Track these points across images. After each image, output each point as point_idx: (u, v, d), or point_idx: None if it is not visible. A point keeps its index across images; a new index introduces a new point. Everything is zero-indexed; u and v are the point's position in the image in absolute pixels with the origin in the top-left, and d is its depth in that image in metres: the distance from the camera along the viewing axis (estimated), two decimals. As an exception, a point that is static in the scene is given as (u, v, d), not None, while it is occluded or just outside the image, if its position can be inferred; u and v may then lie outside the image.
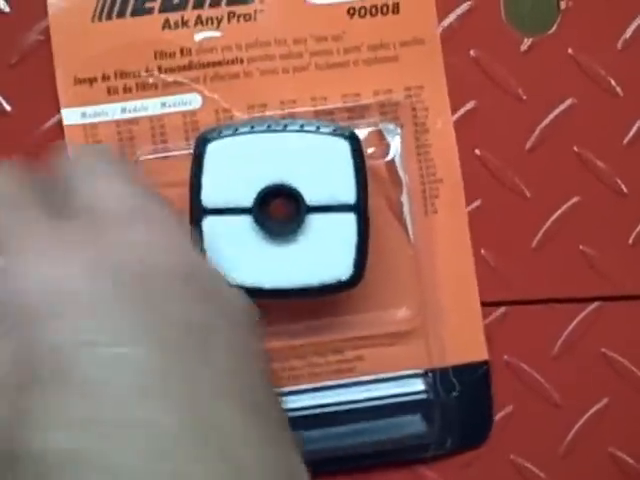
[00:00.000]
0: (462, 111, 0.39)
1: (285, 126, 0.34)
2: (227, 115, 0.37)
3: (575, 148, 0.39)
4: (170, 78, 0.37)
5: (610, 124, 0.40)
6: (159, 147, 0.37)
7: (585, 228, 0.39)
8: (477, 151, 0.39)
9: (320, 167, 0.34)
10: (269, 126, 0.34)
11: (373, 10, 0.38)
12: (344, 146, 0.34)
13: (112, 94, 0.37)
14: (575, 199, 0.39)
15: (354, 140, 0.35)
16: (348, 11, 0.38)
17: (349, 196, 0.34)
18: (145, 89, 0.37)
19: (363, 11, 0.38)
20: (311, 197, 0.34)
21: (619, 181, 0.39)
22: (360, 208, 0.34)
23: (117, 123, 0.37)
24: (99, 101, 0.37)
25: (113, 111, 0.37)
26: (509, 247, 0.39)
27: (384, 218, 0.37)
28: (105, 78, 0.37)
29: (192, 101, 0.37)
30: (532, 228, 0.39)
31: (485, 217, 0.39)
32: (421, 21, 0.38)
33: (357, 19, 0.38)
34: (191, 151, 0.34)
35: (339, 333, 0.37)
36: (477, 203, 0.39)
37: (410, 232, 0.37)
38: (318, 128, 0.34)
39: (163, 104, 0.37)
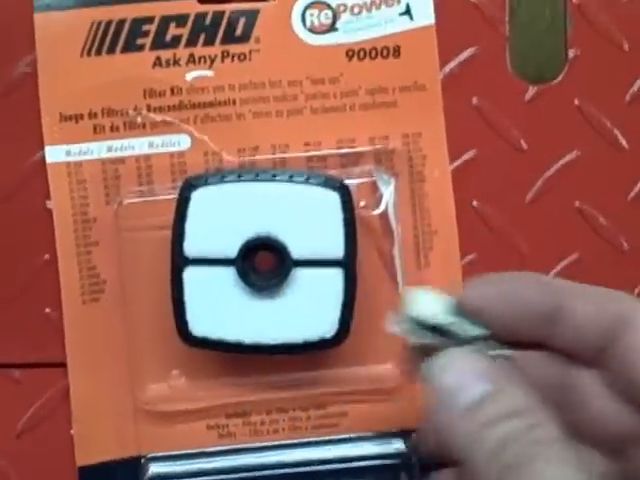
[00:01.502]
0: (461, 160, 0.37)
1: (274, 176, 0.32)
2: (216, 158, 0.35)
3: (577, 203, 0.37)
4: (159, 117, 0.35)
5: (614, 179, 0.37)
6: (145, 188, 0.34)
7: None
8: (475, 203, 0.37)
9: (308, 219, 0.32)
10: (257, 175, 0.32)
11: (373, 53, 0.36)
12: (334, 198, 0.32)
13: (98, 132, 0.34)
14: (574, 256, 0.37)
15: (344, 192, 0.32)
16: (347, 53, 0.36)
17: (337, 251, 0.32)
18: (133, 128, 0.35)
19: (362, 53, 0.36)
20: (297, 251, 0.32)
21: (621, 239, 0.37)
22: (348, 264, 0.32)
23: (102, 162, 0.34)
24: (85, 139, 0.34)
25: (99, 149, 0.34)
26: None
27: (374, 270, 0.35)
28: (92, 115, 0.34)
29: (181, 142, 0.35)
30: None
31: (480, 272, 0.36)
32: (422, 66, 0.36)
33: (356, 62, 0.36)
34: (177, 195, 0.32)
35: (322, 387, 0.35)
36: (472, 257, 0.36)
37: (401, 286, 0.34)
38: (308, 179, 0.32)
39: (151, 144, 0.35)
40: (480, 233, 0.36)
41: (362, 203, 0.34)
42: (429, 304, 0.27)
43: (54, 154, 0.34)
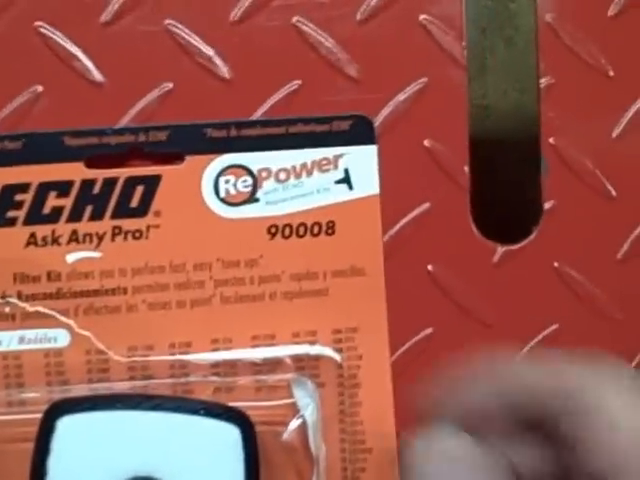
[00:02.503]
0: (414, 341, 0.31)
1: (159, 404, 0.27)
2: (101, 358, 0.29)
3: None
4: (32, 308, 0.29)
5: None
6: (12, 392, 0.29)
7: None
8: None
9: (199, 460, 0.27)
10: (139, 403, 0.27)
11: (301, 229, 0.30)
12: (234, 434, 0.27)
13: (-45, 323, 0.29)
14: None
15: (246, 427, 0.27)
16: (269, 230, 0.30)
17: (236, 501, 0.27)
18: (-1, 320, 0.30)
19: (288, 230, 0.30)
20: None
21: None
22: (248, 520, 0.27)
23: (-41, 360, 0.29)
24: (-62, 331, 0.30)
25: (-45, 344, 0.29)
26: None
27: (292, 496, 0.29)
28: (-52, 302, 0.29)
29: (58, 338, 0.29)
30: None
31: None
32: (362, 245, 0.30)
33: (280, 240, 0.30)
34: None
35: None
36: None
37: (322, 520, 0.29)
38: (201, 409, 0.27)
39: (21, 339, 0.29)
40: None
41: (278, 418, 0.29)
42: None
43: None
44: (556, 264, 0.32)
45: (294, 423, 0.29)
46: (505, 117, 0.35)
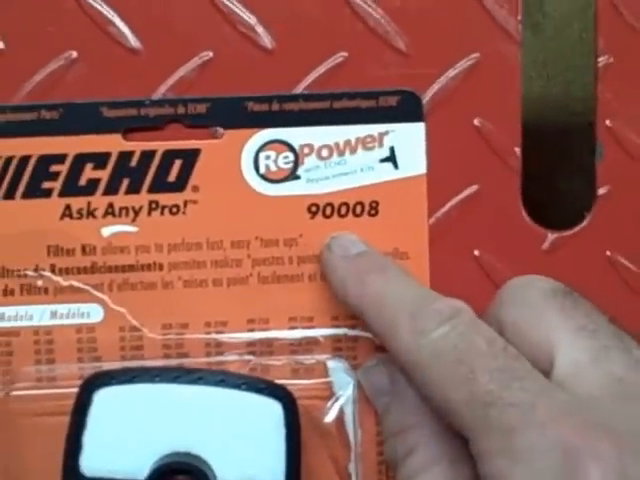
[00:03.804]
0: None
1: (199, 378, 0.33)
2: (135, 335, 0.35)
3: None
4: (65, 282, 0.35)
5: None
6: (43, 369, 0.35)
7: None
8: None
9: (241, 436, 0.33)
10: (179, 376, 0.33)
11: (343, 209, 0.36)
12: (275, 410, 0.33)
13: (-12, 296, 0.35)
14: None
15: (289, 403, 0.33)
16: (309, 208, 0.36)
17: (277, 478, 0.33)
18: (32, 293, 0.35)
19: (329, 210, 0.36)
20: (226, 475, 0.33)
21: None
22: (289, 499, 0.32)
23: (-9, 333, 0.35)
24: (-29, 303, 0.35)
25: (-13, 317, 0.35)
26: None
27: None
28: (-19, 274, 0.35)
29: (91, 313, 0.36)
30: None
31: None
32: (406, 228, 0.36)
33: (320, 219, 0.36)
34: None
35: None
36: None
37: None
38: (243, 383, 0.33)
39: (53, 314, 0.35)
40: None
41: (314, 401, 0.35)
42: None
43: None
44: (609, 253, 0.38)
45: (332, 407, 0.36)
46: (531, 104, 0.41)
